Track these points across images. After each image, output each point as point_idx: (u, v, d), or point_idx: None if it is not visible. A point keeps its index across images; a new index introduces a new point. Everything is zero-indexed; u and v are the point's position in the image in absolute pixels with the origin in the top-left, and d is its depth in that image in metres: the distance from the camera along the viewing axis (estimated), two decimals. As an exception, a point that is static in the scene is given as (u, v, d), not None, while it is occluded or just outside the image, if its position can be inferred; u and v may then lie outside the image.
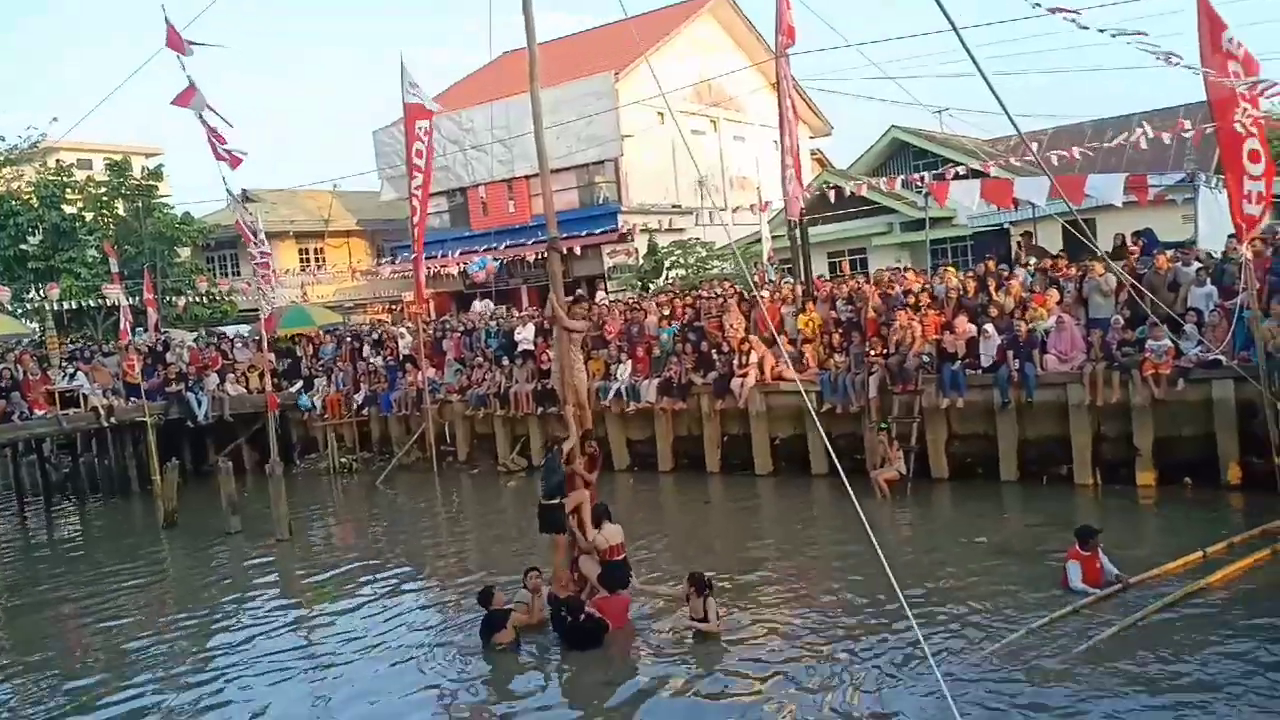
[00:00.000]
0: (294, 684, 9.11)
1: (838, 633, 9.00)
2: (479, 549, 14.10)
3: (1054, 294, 15.00)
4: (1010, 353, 14.22)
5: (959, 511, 13.70)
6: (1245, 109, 11.41)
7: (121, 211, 33.60)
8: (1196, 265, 14.07)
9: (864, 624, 9.09)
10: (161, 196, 34.73)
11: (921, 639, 6.79)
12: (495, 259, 31.00)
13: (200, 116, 13.26)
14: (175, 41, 12.43)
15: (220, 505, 16.42)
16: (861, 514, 6.13)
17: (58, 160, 36.03)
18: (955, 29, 6.48)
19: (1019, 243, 20.08)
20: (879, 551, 5.95)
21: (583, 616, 9.13)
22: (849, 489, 6.50)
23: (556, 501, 9.88)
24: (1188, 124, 17.15)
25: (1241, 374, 12.30)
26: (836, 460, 8.06)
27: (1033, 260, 17.08)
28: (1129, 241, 16.39)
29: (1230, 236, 13.76)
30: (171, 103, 13.12)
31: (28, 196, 32.01)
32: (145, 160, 39.61)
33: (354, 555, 14.51)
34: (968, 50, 6.46)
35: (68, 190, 32.70)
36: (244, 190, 36.55)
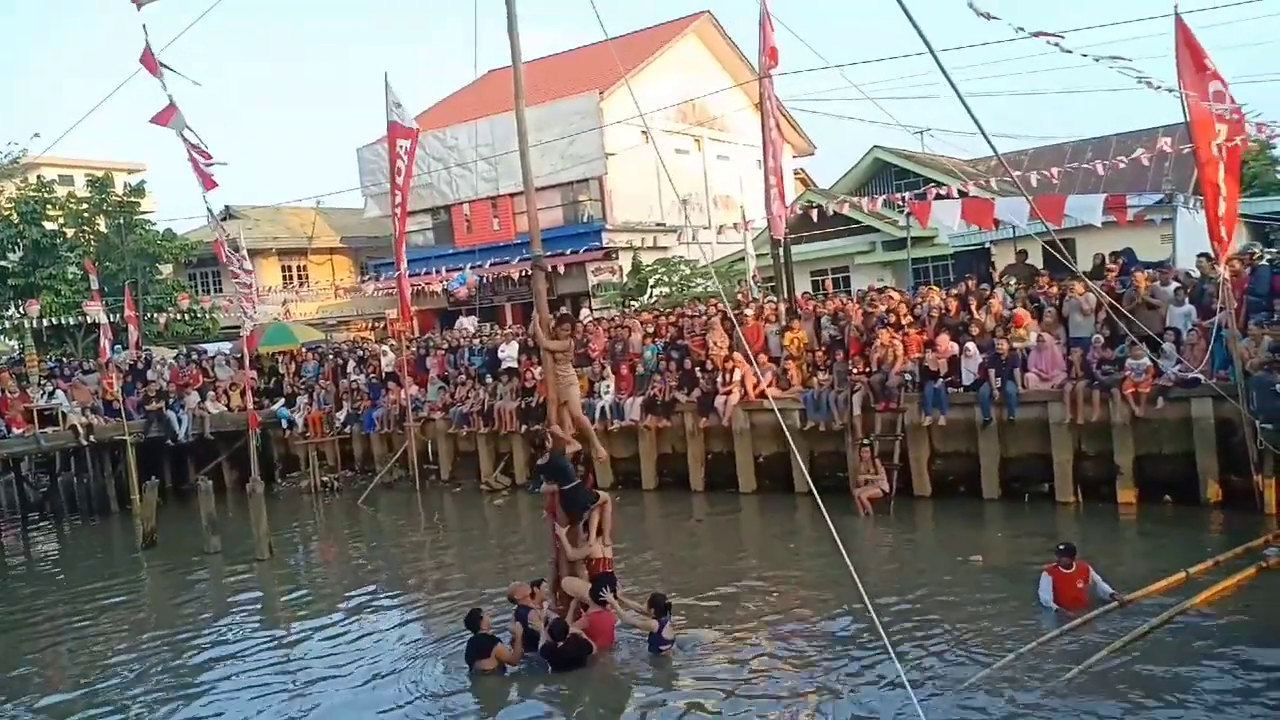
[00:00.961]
0: (271, 704, 9.00)
1: (813, 657, 8.92)
2: (461, 567, 14.03)
3: (1029, 316, 15.08)
4: (992, 371, 14.32)
5: (942, 529, 13.74)
6: (1221, 132, 11.56)
7: (103, 228, 33.41)
8: (1175, 285, 14.22)
9: (842, 649, 9.01)
10: (144, 213, 34.56)
11: (900, 669, 6.72)
12: (477, 274, 30.95)
13: (181, 135, 13.23)
14: (150, 63, 12.42)
15: (200, 524, 16.27)
16: (836, 537, 6.11)
17: (39, 176, 35.85)
18: (933, 52, 6.56)
19: (1020, 254, 20.06)
20: (855, 578, 5.93)
21: (562, 643, 9.06)
22: (823, 509, 6.48)
23: (577, 482, 9.80)
24: (1166, 145, 17.37)
25: (1220, 393, 12.43)
26: (811, 482, 8.10)
27: (1012, 280, 17.19)
28: (1108, 261, 16.53)
29: (1200, 255, 13.93)
30: (151, 121, 13.08)
31: (8, 213, 31.78)
32: (128, 176, 39.42)
33: (335, 575, 14.43)
34: (945, 74, 6.54)
35: (48, 206, 32.49)
36: (226, 207, 36.47)
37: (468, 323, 28.14)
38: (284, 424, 22.83)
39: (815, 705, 7.90)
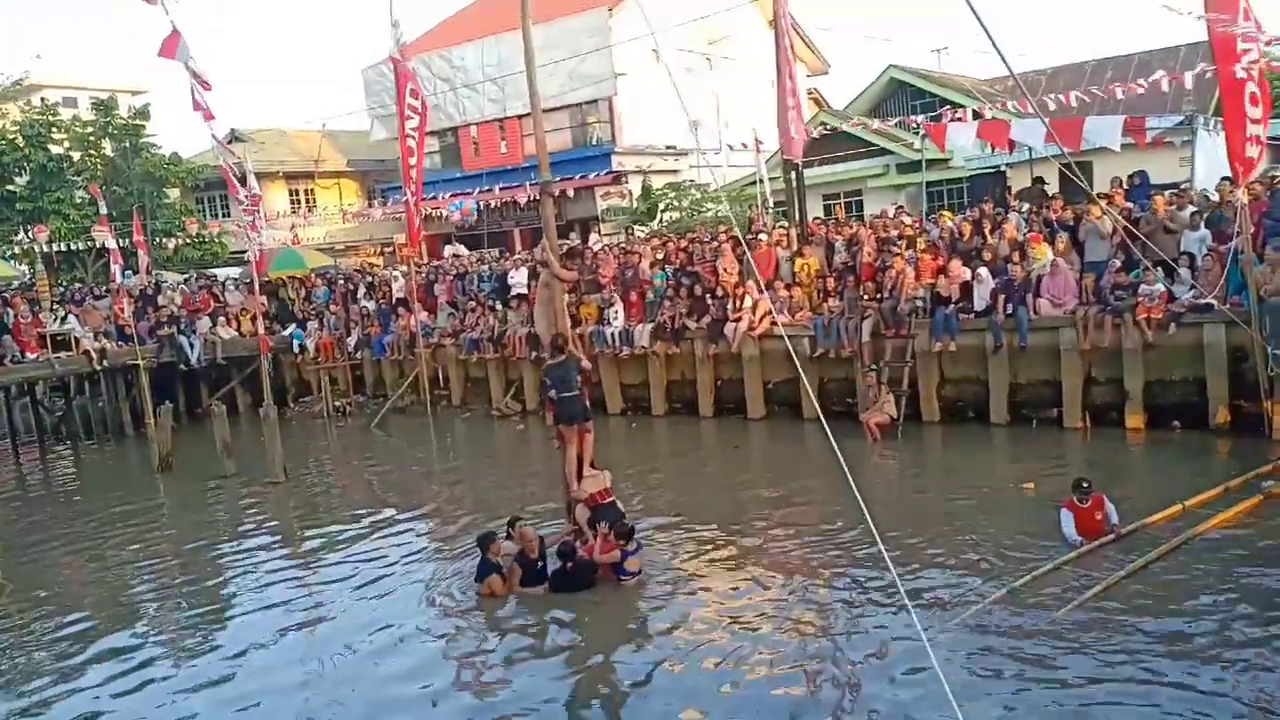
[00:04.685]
0: (289, 623, 9.23)
1: (815, 581, 9.01)
2: (473, 491, 14.21)
3: (1044, 240, 14.91)
4: (1003, 297, 14.22)
5: (950, 454, 13.84)
6: (1248, 50, 11.23)
7: (109, 151, 33.15)
8: (1191, 209, 14.00)
9: (848, 574, 9.09)
10: (149, 136, 34.24)
11: (904, 594, 6.76)
12: (475, 201, 30.66)
13: (186, 64, 13.03)
14: None
15: (214, 448, 16.48)
16: (842, 461, 6.09)
17: (42, 99, 35.46)
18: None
19: (1036, 179, 19.76)
20: (860, 501, 5.92)
21: (569, 564, 9.21)
22: (829, 435, 6.47)
23: (575, 393, 9.89)
24: (1188, 77, 16.92)
25: (1233, 318, 12.32)
26: (819, 408, 8.03)
27: (1025, 205, 16.94)
28: (1123, 184, 16.25)
29: (1223, 179, 13.68)
30: (158, 54, 12.88)
31: (13, 136, 31.52)
32: (132, 99, 38.91)
33: (349, 498, 14.64)
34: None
35: (54, 130, 32.20)
36: (232, 130, 36.05)
37: (455, 249, 27.90)
38: (296, 347, 22.94)
39: (816, 631, 8.01)
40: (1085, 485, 9.31)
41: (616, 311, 18.28)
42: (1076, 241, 14.68)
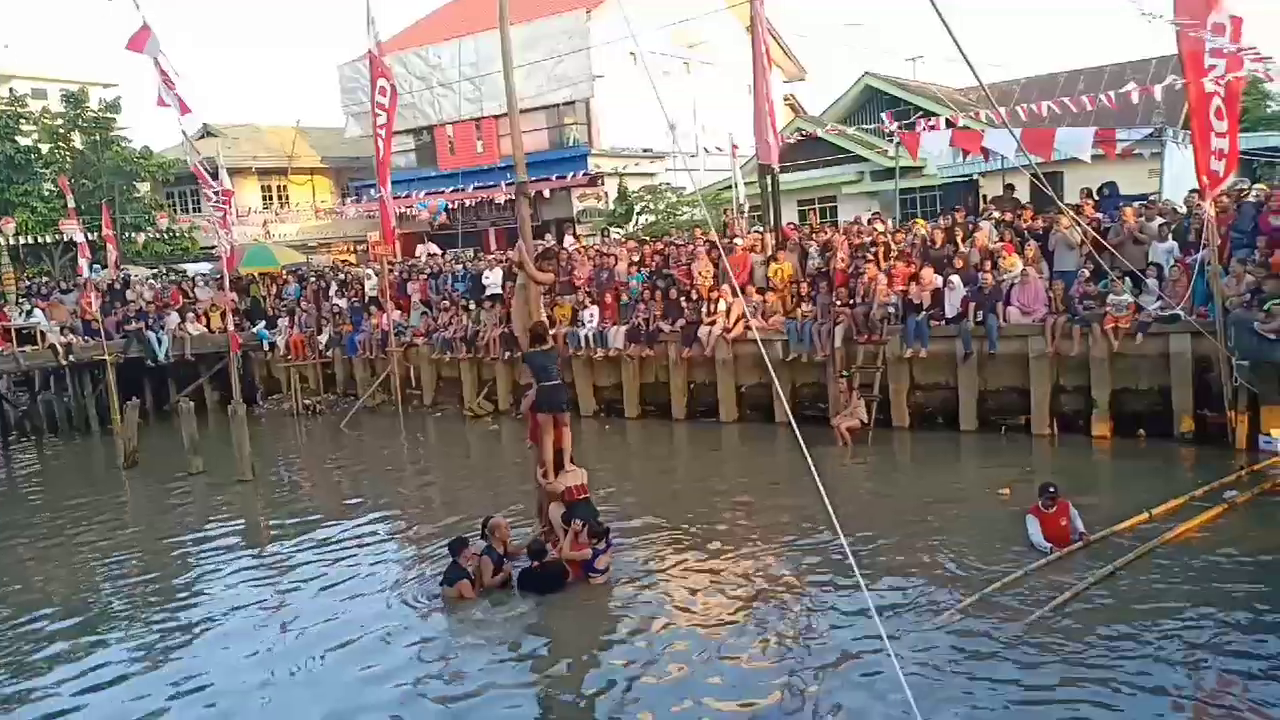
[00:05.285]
0: (252, 625, 9.13)
1: (782, 587, 9.00)
2: (443, 492, 14.14)
3: (1015, 249, 15.06)
4: (974, 304, 14.35)
5: (919, 460, 13.93)
6: (1215, 66, 11.39)
7: (79, 144, 32.71)
8: (1159, 221, 14.20)
9: (814, 578, 9.10)
10: (120, 129, 33.82)
11: (869, 598, 6.80)
12: (443, 201, 30.54)
13: (154, 59, 12.90)
14: None
15: (182, 445, 16.29)
16: (812, 465, 6.11)
17: (10, 89, 34.94)
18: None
19: (1007, 188, 19.97)
20: (829, 507, 5.92)
21: (537, 564, 9.18)
22: (800, 439, 6.49)
23: (557, 382, 9.88)
24: (1157, 89, 17.17)
25: (1199, 329, 12.51)
26: (789, 412, 7.96)
27: (996, 213, 17.11)
28: (1092, 194, 16.46)
29: (1191, 191, 13.89)
30: (126, 47, 12.74)
31: (-20, 127, 31.04)
32: (103, 91, 38.40)
33: (317, 497, 14.52)
34: (935, 6, 6.38)
35: (22, 121, 31.73)
36: (204, 125, 35.67)
37: (429, 248, 27.82)
38: (265, 345, 22.73)
39: (782, 637, 8.01)
40: (1052, 490, 9.41)
41: (591, 313, 18.27)
42: (1046, 251, 14.85)
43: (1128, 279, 13.29)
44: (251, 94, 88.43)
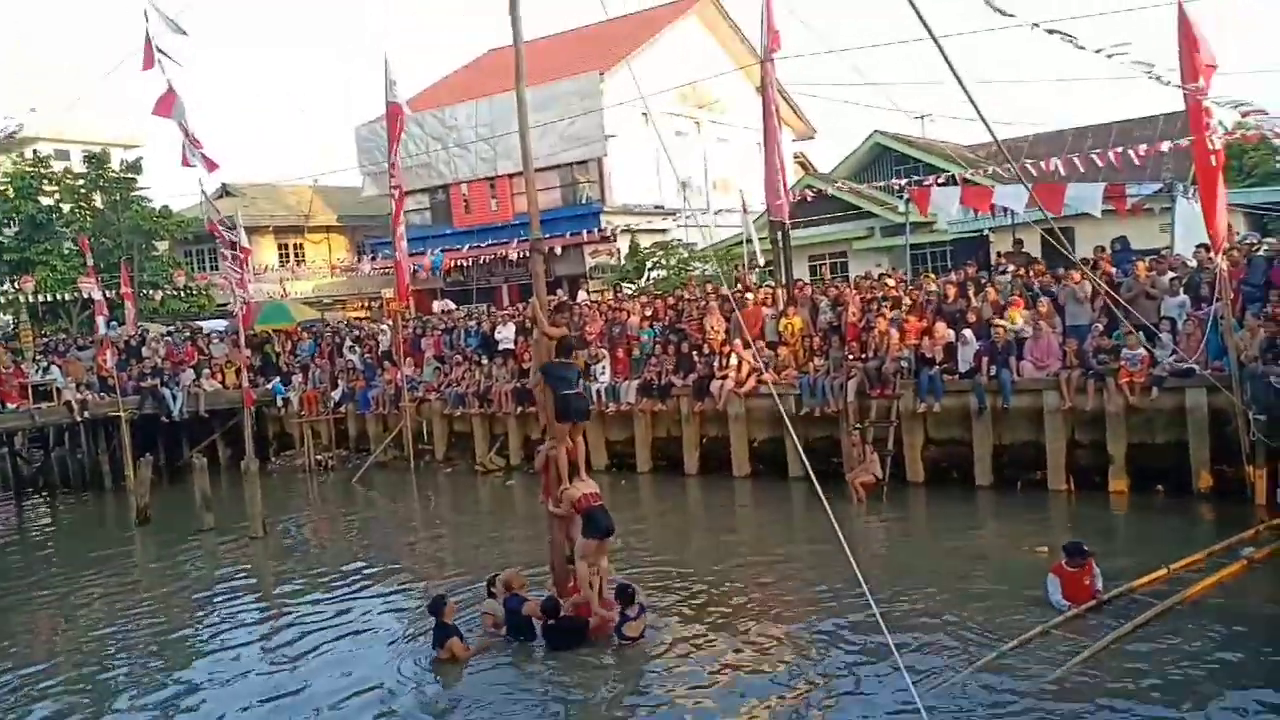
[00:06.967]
0: (259, 683, 9.03)
1: (807, 643, 8.91)
2: (454, 549, 14.06)
3: (1022, 303, 15.08)
4: (987, 358, 14.33)
5: (935, 516, 13.79)
6: (1212, 124, 11.52)
7: (99, 204, 33.27)
8: (1170, 275, 14.21)
9: (839, 635, 9.01)
10: (140, 189, 34.41)
11: (897, 656, 6.70)
12: (437, 255, 30.87)
13: (180, 124, 13.19)
14: (148, 56, 12.48)
15: (194, 502, 16.29)
16: (834, 521, 6.07)
17: (34, 151, 35.65)
18: (934, 38, 6.52)
19: (1016, 243, 20.05)
20: (853, 563, 5.89)
21: (552, 621, 9.06)
22: (820, 494, 6.44)
23: (577, 390, 9.79)
24: (1165, 145, 17.32)
25: (1214, 383, 12.43)
26: (809, 466, 7.89)
27: (1010, 267, 17.18)
28: (1106, 250, 16.51)
29: (1199, 246, 13.92)
30: (153, 113, 13.05)
31: (3, 188, 31.63)
32: (124, 153, 39.17)
33: (328, 554, 14.45)
34: (947, 61, 6.50)
35: (45, 182, 32.34)
36: (223, 184, 36.28)
37: (444, 304, 28.10)
38: (279, 400, 22.83)
39: (809, 692, 7.89)
40: (1084, 550, 9.23)
41: (604, 367, 18.31)
42: (1058, 305, 14.86)
43: (1141, 333, 13.26)
44: (270, 154, 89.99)
